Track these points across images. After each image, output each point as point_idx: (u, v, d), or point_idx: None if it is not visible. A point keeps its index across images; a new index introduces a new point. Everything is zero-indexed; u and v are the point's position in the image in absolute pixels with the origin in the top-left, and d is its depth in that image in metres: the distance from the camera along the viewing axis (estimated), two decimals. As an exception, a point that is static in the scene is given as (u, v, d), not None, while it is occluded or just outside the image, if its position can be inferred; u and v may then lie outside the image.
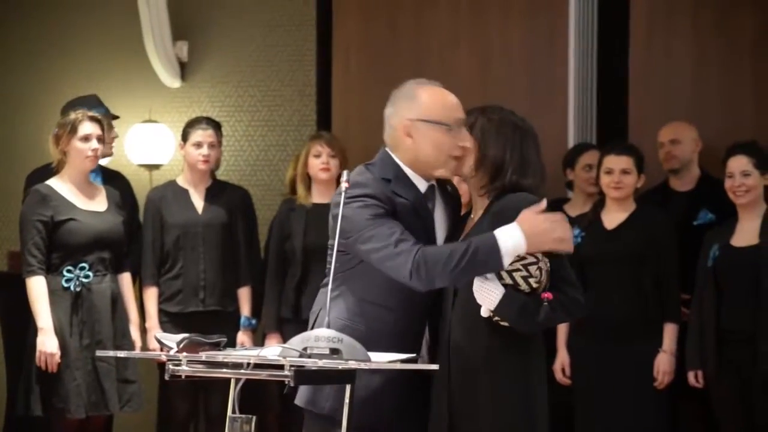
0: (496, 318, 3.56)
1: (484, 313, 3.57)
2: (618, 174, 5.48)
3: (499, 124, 3.70)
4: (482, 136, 3.68)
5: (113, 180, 6.00)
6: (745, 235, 5.30)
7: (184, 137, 6.01)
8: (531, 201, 3.62)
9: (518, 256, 3.53)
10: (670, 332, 5.44)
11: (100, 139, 5.42)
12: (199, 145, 5.96)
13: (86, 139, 5.37)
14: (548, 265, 3.58)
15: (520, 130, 3.72)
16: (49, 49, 7.49)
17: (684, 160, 5.95)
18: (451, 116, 3.69)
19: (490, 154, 3.68)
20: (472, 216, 3.77)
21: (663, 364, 5.42)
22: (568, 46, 6.41)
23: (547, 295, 3.54)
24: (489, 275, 3.55)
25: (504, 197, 3.66)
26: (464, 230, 3.75)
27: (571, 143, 6.34)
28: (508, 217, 3.56)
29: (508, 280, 3.55)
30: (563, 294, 3.59)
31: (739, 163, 5.30)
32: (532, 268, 3.55)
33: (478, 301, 3.57)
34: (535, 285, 3.55)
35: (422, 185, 3.75)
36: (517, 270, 3.54)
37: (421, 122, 3.69)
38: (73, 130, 5.36)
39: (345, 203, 3.64)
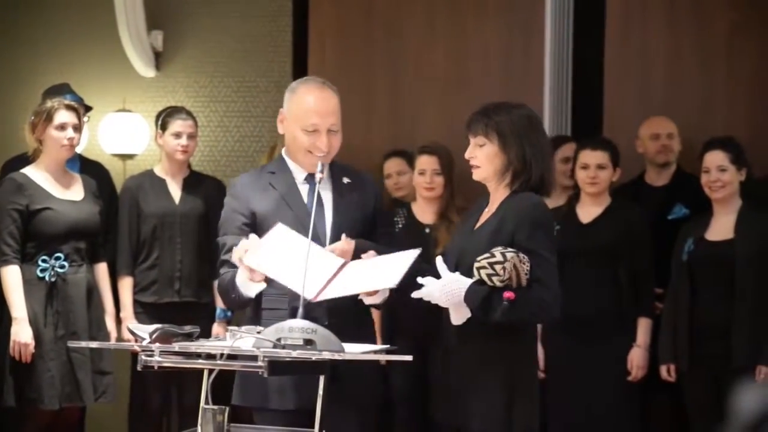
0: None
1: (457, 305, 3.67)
2: (594, 169, 5.48)
3: (515, 121, 3.76)
4: (499, 136, 3.74)
5: (91, 169, 5.95)
6: (720, 229, 5.30)
7: (163, 127, 5.96)
8: (534, 202, 3.70)
9: (489, 253, 3.59)
10: (644, 327, 5.45)
11: (76, 128, 5.37)
12: (178, 135, 5.92)
13: (62, 127, 5.33)
14: (527, 264, 3.61)
15: (532, 122, 3.79)
16: (22, 38, 7.43)
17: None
18: (307, 121, 3.86)
19: (509, 152, 3.74)
20: (486, 208, 3.83)
21: (637, 359, 5.43)
22: (543, 41, 6.41)
23: (509, 294, 3.57)
24: (457, 273, 3.64)
25: (513, 197, 3.73)
26: (479, 220, 3.82)
27: (545, 137, 6.34)
28: (510, 219, 3.66)
29: (477, 276, 3.61)
30: (531, 293, 3.62)
31: (715, 158, 5.28)
32: (497, 267, 3.58)
33: (451, 295, 3.63)
34: (499, 283, 3.58)
35: (300, 175, 3.90)
36: (483, 267, 3.59)
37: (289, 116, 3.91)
38: (49, 118, 5.32)
39: None
